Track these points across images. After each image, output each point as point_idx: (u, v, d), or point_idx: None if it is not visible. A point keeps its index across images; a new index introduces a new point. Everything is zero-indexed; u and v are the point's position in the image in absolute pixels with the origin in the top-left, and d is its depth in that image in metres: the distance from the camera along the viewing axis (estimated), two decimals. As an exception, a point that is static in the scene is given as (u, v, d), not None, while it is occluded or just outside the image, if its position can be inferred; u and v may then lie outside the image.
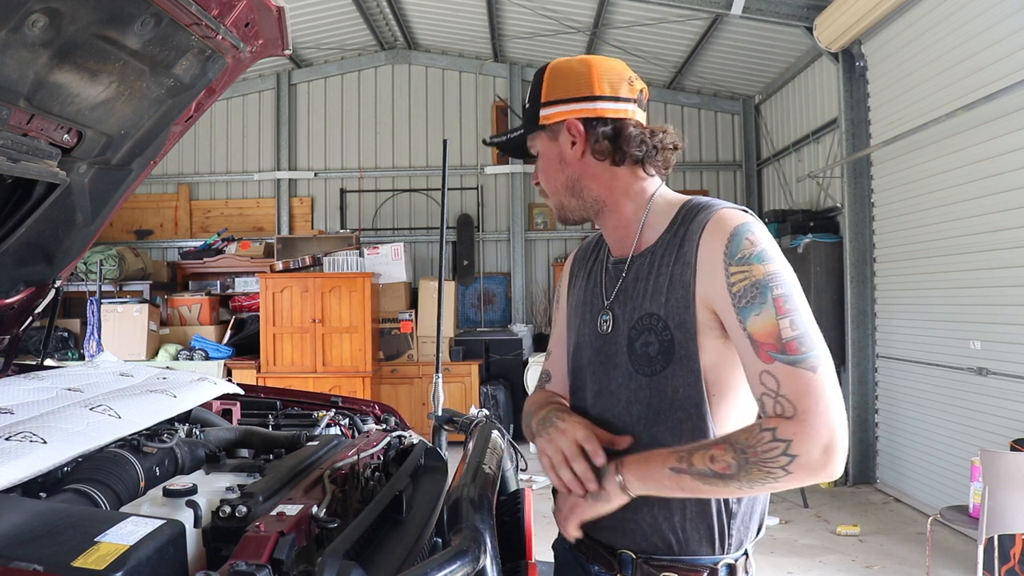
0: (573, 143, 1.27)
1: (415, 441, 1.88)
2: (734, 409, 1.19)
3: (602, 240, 1.41)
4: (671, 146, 1.29)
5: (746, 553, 1.23)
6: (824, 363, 1.08)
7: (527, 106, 1.32)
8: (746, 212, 1.21)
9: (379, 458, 1.66)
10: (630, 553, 1.23)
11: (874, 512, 5.05)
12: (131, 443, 1.48)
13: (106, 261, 6.88)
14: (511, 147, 1.38)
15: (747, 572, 1.23)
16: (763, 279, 1.11)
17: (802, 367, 1.06)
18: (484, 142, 1.49)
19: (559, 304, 1.50)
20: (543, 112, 1.28)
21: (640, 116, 1.29)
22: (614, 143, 1.26)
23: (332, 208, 8.28)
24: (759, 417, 1.11)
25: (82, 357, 6.64)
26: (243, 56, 1.93)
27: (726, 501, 1.19)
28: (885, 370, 5.53)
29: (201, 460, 1.54)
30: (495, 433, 1.77)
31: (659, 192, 1.31)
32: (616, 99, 1.26)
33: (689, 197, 1.29)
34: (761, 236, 1.16)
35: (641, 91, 1.29)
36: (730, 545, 1.20)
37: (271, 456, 1.56)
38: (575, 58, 1.30)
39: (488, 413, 2.00)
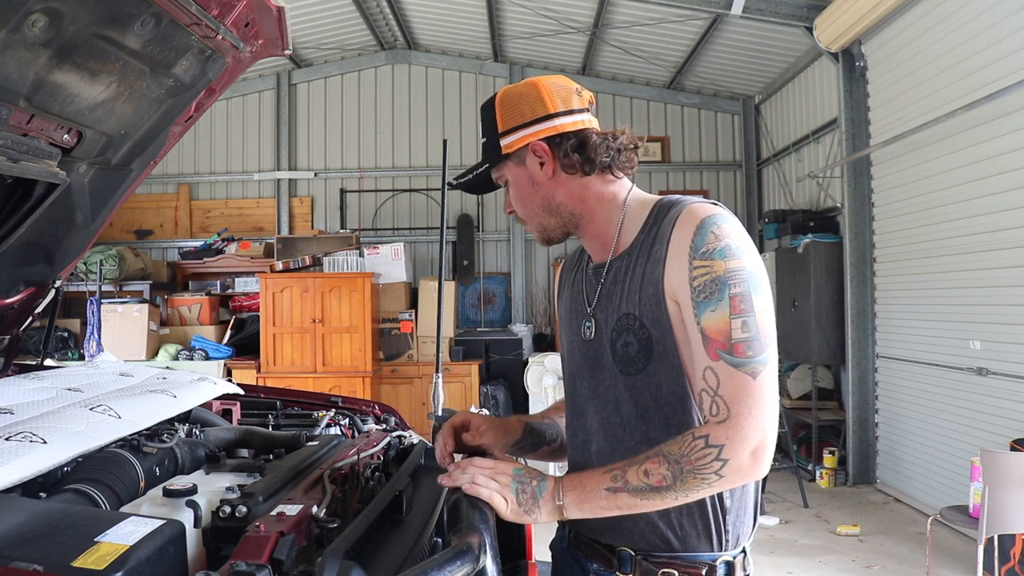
0: (542, 164, 1.29)
1: (415, 441, 1.88)
2: None
3: (584, 249, 1.43)
4: (631, 146, 1.31)
5: (744, 551, 1.24)
6: (767, 368, 1.10)
7: (484, 140, 1.33)
8: (716, 205, 1.21)
9: (379, 458, 1.66)
10: (629, 551, 1.23)
11: (874, 512, 5.05)
12: (131, 443, 1.48)
13: (106, 261, 6.88)
14: (476, 184, 1.38)
15: (745, 570, 1.24)
16: (723, 275, 1.12)
17: (743, 371, 1.09)
18: (450, 185, 1.47)
19: (557, 313, 1.55)
20: (504, 141, 1.29)
21: (595, 123, 1.31)
22: (582, 154, 1.28)
23: (332, 208, 8.28)
24: (700, 411, 1.14)
25: (82, 357, 6.64)
26: (243, 56, 1.93)
27: (720, 496, 1.20)
28: (885, 370, 5.53)
29: (201, 460, 1.54)
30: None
31: (632, 194, 1.32)
32: (571, 112, 1.28)
33: (661, 196, 1.31)
34: (728, 230, 1.15)
35: (590, 100, 1.32)
36: (727, 541, 1.21)
37: (271, 456, 1.55)
38: (519, 83, 1.32)
39: (488, 413, 2.00)
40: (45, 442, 1.31)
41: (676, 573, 1.20)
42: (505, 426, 1.42)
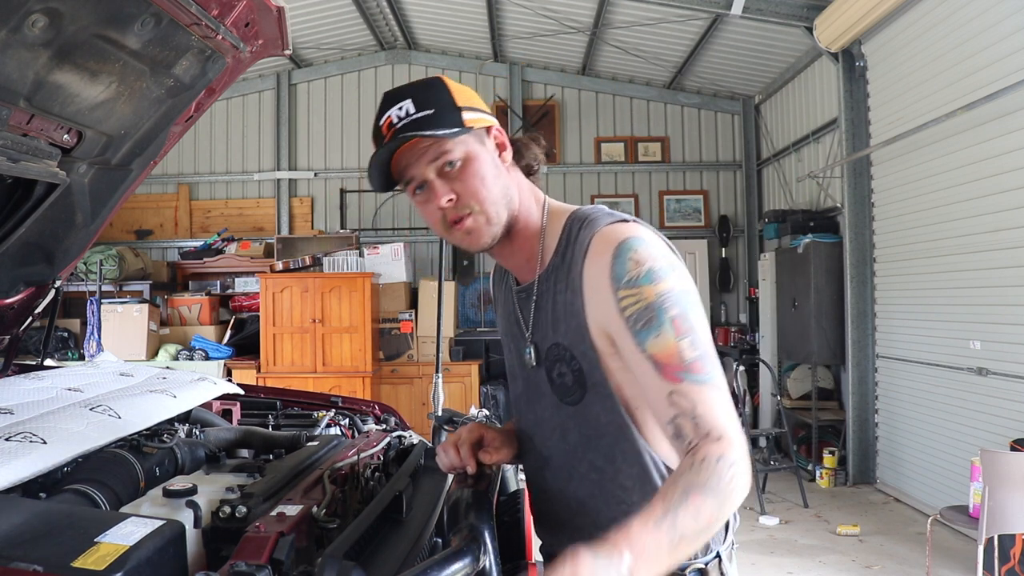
0: (500, 151, 1.20)
1: (415, 441, 1.88)
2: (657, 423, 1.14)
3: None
4: (546, 153, 1.29)
5: (718, 556, 1.21)
6: (722, 378, 1.08)
7: (429, 112, 1.12)
8: (629, 222, 1.15)
9: (379, 458, 1.66)
10: None
11: (874, 512, 5.05)
12: (131, 443, 1.48)
13: (106, 261, 6.88)
14: (380, 179, 1.17)
15: (723, 573, 1.20)
16: (655, 301, 1.06)
17: (709, 386, 1.05)
18: (369, 175, 1.18)
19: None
20: (467, 116, 1.15)
21: None
22: (524, 152, 1.25)
23: (332, 208, 8.28)
24: (677, 438, 1.05)
25: (82, 357, 6.63)
26: (243, 56, 1.93)
27: None
28: (885, 370, 5.53)
29: (201, 460, 1.54)
30: (495, 433, 1.76)
31: (549, 205, 1.26)
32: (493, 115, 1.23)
33: (575, 209, 1.23)
34: (646, 252, 1.09)
35: None
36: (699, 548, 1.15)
37: (271, 456, 1.55)
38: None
39: (488, 413, 2.00)
40: (45, 442, 1.31)
41: None
42: (510, 438, 1.34)
